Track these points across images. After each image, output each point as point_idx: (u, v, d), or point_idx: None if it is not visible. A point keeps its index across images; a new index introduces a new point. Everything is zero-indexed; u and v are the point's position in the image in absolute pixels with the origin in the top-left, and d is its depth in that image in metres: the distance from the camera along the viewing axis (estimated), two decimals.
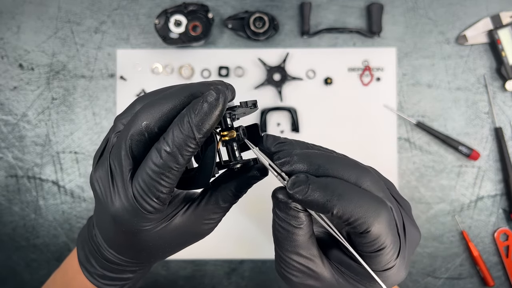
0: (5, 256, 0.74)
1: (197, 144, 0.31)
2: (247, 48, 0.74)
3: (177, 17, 0.70)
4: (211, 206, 0.36)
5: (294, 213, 0.32)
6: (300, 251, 0.33)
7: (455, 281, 0.73)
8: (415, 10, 0.74)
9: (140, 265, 0.41)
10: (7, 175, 0.74)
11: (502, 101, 0.73)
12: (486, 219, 0.73)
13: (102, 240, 0.39)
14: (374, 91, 0.74)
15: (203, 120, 0.30)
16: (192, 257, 0.73)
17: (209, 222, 0.37)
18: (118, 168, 0.33)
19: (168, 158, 0.31)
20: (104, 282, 0.41)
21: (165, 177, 0.31)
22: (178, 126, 0.31)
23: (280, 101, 0.73)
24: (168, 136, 0.31)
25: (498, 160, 0.73)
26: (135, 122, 0.32)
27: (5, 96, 0.74)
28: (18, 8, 0.74)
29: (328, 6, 0.74)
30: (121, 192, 0.32)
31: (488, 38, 0.73)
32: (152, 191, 0.31)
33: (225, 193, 0.36)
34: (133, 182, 0.32)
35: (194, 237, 0.38)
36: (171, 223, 0.35)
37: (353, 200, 0.29)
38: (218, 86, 0.32)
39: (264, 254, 0.73)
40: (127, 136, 0.32)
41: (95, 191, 0.34)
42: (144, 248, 0.37)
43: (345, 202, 0.29)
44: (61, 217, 0.74)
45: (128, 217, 0.33)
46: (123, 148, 0.32)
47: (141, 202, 0.32)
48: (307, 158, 0.31)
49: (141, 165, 0.32)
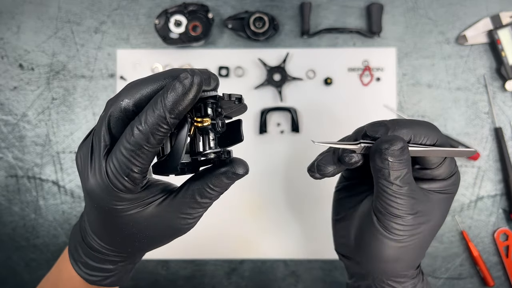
0: (5, 256, 0.74)
1: (169, 125, 0.31)
2: (247, 48, 0.74)
3: (177, 17, 0.70)
4: (187, 199, 0.36)
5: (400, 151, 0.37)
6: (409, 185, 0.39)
7: (455, 281, 0.73)
8: (415, 10, 0.74)
9: (119, 255, 0.41)
10: (7, 175, 0.74)
11: (502, 101, 0.73)
12: (486, 219, 0.73)
13: (87, 222, 0.40)
14: (374, 91, 0.74)
15: (175, 101, 0.30)
16: (192, 257, 0.73)
17: (185, 217, 0.36)
18: (97, 145, 0.33)
19: (140, 136, 0.31)
20: (86, 271, 0.42)
21: (136, 156, 0.31)
22: (152, 106, 0.31)
23: (280, 101, 0.73)
24: (142, 115, 0.31)
25: (498, 160, 0.73)
26: (115, 101, 0.33)
27: (5, 96, 0.74)
28: (18, 8, 0.74)
29: (328, 6, 0.74)
30: (96, 168, 0.33)
31: (488, 38, 0.73)
32: (123, 169, 0.32)
33: (201, 188, 0.35)
34: (108, 159, 0.32)
35: (170, 231, 0.37)
36: (145, 210, 0.35)
37: (417, 124, 0.39)
38: (195, 70, 0.32)
39: (264, 254, 0.73)
40: (107, 113, 0.33)
41: (78, 167, 0.35)
42: (119, 232, 0.37)
43: (413, 126, 0.38)
44: (61, 217, 0.74)
45: (101, 194, 0.33)
46: (103, 125, 0.33)
47: (112, 179, 0.32)
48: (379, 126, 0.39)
49: (117, 143, 0.32)
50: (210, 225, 0.73)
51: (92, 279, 0.42)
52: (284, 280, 0.73)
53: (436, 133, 0.39)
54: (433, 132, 0.39)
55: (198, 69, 0.32)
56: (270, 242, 0.73)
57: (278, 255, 0.73)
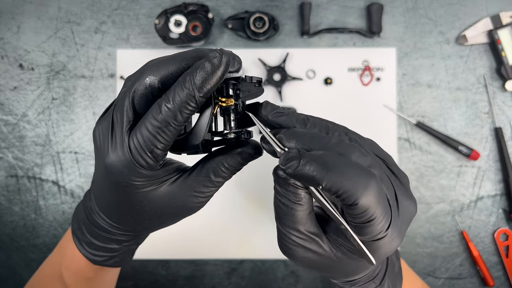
0: (5, 256, 0.74)
1: (197, 103, 0.32)
2: (247, 48, 0.74)
3: (177, 17, 0.70)
4: (201, 178, 0.36)
5: (293, 189, 0.33)
6: (299, 227, 0.34)
7: (455, 281, 0.73)
8: (415, 10, 0.74)
9: (126, 234, 0.41)
10: (7, 175, 0.74)
11: (502, 101, 0.73)
12: (486, 219, 0.73)
13: (94, 200, 0.40)
14: (374, 91, 0.74)
15: (204, 80, 0.31)
16: (192, 257, 0.73)
17: (198, 195, 0.36)
18: (119, 120, 0.33)
19: (168, 114, 0.31)
20: (91, 251, 0.42)
21: (162, 133, 0.32)
22: (181, 83, 0.31)
23: (280, 101, 0.73)
24: (170, 92, 0.32)
25: (498, 160, 0.73)
26: (140, 77, 0.33)
27: (5, 96, 0.74)
28: (18, 8, 0.74)
29: (328, 6, 0.74)
30: (118, 143, 0.33)
31: (488, 38, 0.73)
32: (148, 145, 0.32)
33: (216, 166, 0.36)
34: (131, 135, 0.33)
35: (182, 209, 0.37)
36: (160, 188, 0.36)
37: (341, 173, 0.30)
38: (224, 50, 0.32)
39: (264, 254, 0.73)
40: (131, 89, 0.33)
41: (95, 142, 0.35)
42: (131, 210, 0.37)
43: (334, 175, 0.30)
44: (61, 217, 0.74)
45: (121, 168, 0.33)
46: (126, 100, 0.33)
47: (135, 155, 0.32)
48: (299, 136, 0.33)
49: (142, 119, 0.33)
50: (210, 225, 0.73)
51: (96, 259, 0.42)
52: (284, 280, 0.73)
53: (364, 190, 0.30)
54: (360, 187, 0.30)
55: (225, 50, 0.33)
56: (270, 242, 0.73)
57: (278, 255, 0.73)
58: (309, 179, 0.30)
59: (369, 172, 0.30)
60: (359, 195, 0.30)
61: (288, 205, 0.34)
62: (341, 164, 0.30)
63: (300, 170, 0.30)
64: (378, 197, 0.31)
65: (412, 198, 0.35)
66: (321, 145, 0.32)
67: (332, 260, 0.35)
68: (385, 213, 0.31)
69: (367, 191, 0.30)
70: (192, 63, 0.33)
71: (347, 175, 0.30)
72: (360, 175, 0.30)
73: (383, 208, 0.31)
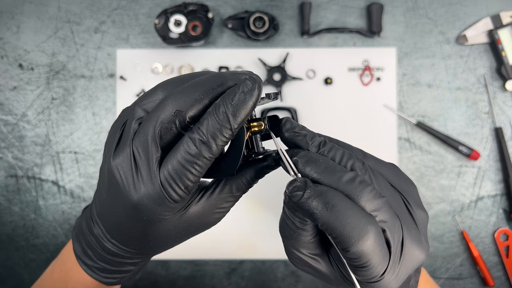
0: (4, 256, 0.74)
1: (232, 133, 0.31)
2: (247, 48, 0.74)
3: (177, 17, 0.70)
4: (224, 194, 0.36)
5: (300, 215, 0.33)
6: (302, 250, 0.35)
7: (455, 281, 0.73)
8: (415, 10, 0.74)
9: (143, 257, 0.41)
10: (7, 175, 0.74)
11: (502, 101, 0.73)
12: (486, 219, 0.73)
13: (105, 231, 0.38)
14: (374, 91, 0.73)
15: (239, 110, 0.30)
16: (192, 257, 0.73)
17: (220, 211, 0.37)
18: (143, 155, 0.32)
19: (202, 147, 0.31)
20: (103, 275, 0.41)
21: (196, 166, 0.31)
22: (214, 115, 0.31)
23: (280, 101, 0.73)
24: (202, 125, 0.31)
25: (498, 160, 0.73)
26: (164, 109, 0.32)
27: (5, 96, 0.74)
28: (18, 8, 0.74)
29: (328, 6, 0.74)
30: (145, 180, 0.32)
31: (488, 38, 0.73)
32: (182, 179, 0.31)
33: (240, 181, 0.36)
34: (161, 170, 0.31)
35: (204, 226, 0.38)
36: (186, 212, 0.35)
37: (340, 217, 0.30)
38: (252, 76, 0.31)
39: (264, 254, 0.73)
40: (156, 122, 0.31)
41: (115, 179, 0.33)
42: (156, 238, 0.36)
43: (331, 218, 0.30)
44: (61, 217, 0.74)
45: (152, 206, 0.32)
46: (150, 135, 0.31)
47: (168, 190, 0.32)
48: (314, 163, 0.32)
49: (171, 153, 0.32)
50: None
51: (111, 281, 0.42)
52: (284, 280, 0.73)
53: (359, 238, 0.30)
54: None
55: (246, 72, 0.32)
56: (270, 242, 0.73)
57: (278, 255, 0.73)
58: (308, 214, 0.30)
59: (369, 220, 0.30)
60: (352, 242, 0.30)
61: (293, 229, 0.34)
62: (343, 207, 0.30)
63: (302, 203, 0.30)
64: (374, 246, 0.30)
65: (422, 243, 0.34)
66: (333, 179, 0.31)
67: (330, 278, 0.36)
68: (381, 260, 0.31)
69: (362, 240, 0.30)
70: (218, 90, 0.32)
71: (345, 221, 0.29)
72: (359, 222, 0.30)
73: (378, 256, 0.31)
